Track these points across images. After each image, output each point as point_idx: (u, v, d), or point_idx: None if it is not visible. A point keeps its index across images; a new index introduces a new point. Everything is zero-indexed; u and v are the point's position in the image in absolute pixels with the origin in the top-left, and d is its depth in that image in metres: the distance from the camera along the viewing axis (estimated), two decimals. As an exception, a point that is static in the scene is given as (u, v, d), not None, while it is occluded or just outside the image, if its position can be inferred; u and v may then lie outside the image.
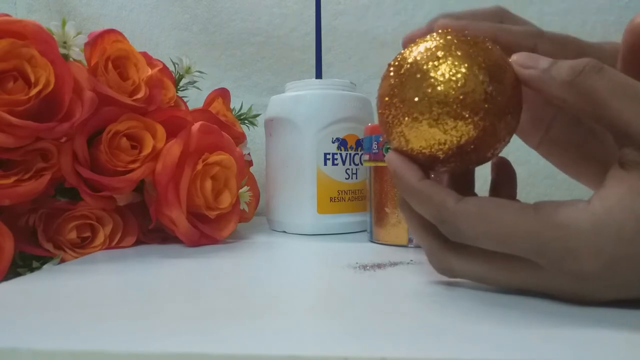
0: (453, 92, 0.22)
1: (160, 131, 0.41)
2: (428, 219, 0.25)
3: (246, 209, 0.47)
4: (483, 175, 0.29)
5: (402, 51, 0.25)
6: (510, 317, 0.22)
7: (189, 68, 0.52)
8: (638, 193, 0.20)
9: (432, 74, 0.23)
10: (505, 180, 0.28)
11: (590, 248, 0.20)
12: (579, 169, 0.30)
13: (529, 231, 0.21)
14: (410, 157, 0.25)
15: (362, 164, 0.49)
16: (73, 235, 0.37)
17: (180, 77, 0.52)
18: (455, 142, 0.23)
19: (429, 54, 0.23)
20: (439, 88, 0.23)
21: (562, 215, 0.21)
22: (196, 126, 0.41)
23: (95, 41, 0.39)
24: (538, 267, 0.22)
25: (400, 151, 0.25)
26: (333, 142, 0.48)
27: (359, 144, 0.49)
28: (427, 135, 0.23)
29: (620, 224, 0.20)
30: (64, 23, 0.37)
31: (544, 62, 0.23)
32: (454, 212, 0.23)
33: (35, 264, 0.35)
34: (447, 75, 0.23)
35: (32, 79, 0.34)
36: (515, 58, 0.24)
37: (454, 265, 0.25)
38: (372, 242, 0.44)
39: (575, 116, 0.29)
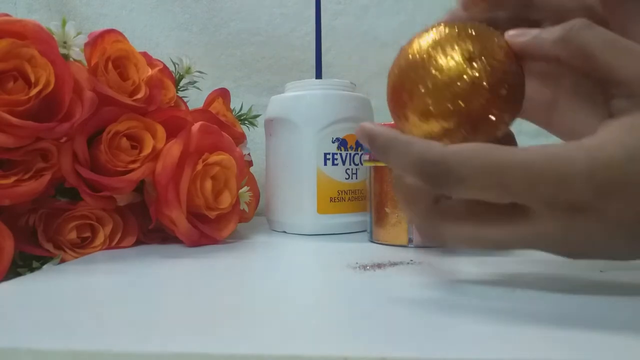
0: (452, 84, 0.23)
1: (160, 131, 0.41)
2: (410, 170, 0.24)
3: (246, 209, 0.47)
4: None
5: (413, 38, 0.26)
6: (510, 317, 0.22)
7: (189, 68, 0.52)
8: (628, 130, 0.21)
9: (433, 64, 0.24)
10: None
11: (583, 173, 0.20)
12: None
13: (522, 163, 0.21)
14: None
15: (362, 164, 0.49)
16: (73, 235, 0.37)
17: (180, 77, 0.52)
18: (450, 129, 0.24)
19: (432, 45, 0.24)
20: (438, 78, 0.23)
21: (555, 148, 0.21)
22: (196, 126, 0.41)
23: (96, 41, 0.39)
24: (529, 215, 0.22)
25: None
26: (333, 142, 0.48)
27: (359, 144, 0.49)
28: (423, 125, 0.24)
29: (610, 154, 0.20)
30: (64, 23, 0.37)
31: (534, 31, 0.24)
32: (443, 152, 0.22)
33: (35, 264, 0.35)
34: (447, 67, 0.23)
35: (32, 79, 0.34)
36: (510, 33, 0.25)
37: (444, 229, 0.25)
38: (372, 242, 0.44)
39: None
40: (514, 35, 0.24)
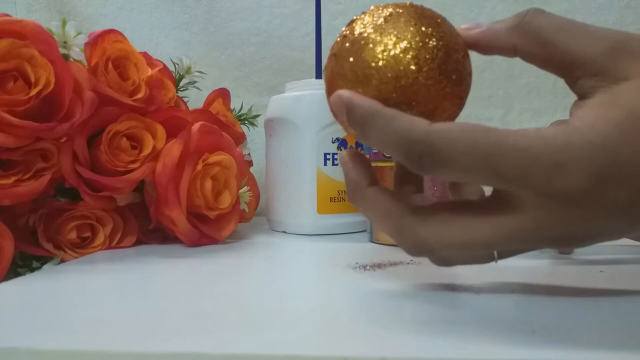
0: (395, 67, 0.22)
1: (160, 131, 0.41)
2: (391, 147, 0.22)
3: (246, 209, 0.47)
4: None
5: (354, 20, 0.24)
6: (510, 317, 0.22)
7: (189, 68, 0.52)
8: (611, 106, 0.20)
9: (375, 48, 0.22)
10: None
11: (580, 160, 0.20)
12: None
13: (516, 147, 0.20)
14: None
15: (362, 164, 0.49)
16: (73, 235, 0.37)
17: (181, 77, 0.52)
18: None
19: (375, 26, 0.23)
20: (380, 63, 0.22)
21: (548, 131, 0.20)
22: (196, 126, 0.41)
23: (96, 41, 0.39)
24: (517, 208, 0.21)
25: None
26: (333, 142, 0.48)
27: (358, 144, 0.49)
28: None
29: (604, 134, 0.20)
30: (64, 23, 0.37)
31: (487, 23, 0.24)
32: (429, 131, 0.21)
33: (35, 264, 0.35)
34: (390, 51, 0.22)
35: (32, 79, 0.34)
36: (463, 27, 0.25)
37: (429, 236, 0.22)
38: (372, 242, 0.44)
39: None
40: (467, 28, 0.24)
